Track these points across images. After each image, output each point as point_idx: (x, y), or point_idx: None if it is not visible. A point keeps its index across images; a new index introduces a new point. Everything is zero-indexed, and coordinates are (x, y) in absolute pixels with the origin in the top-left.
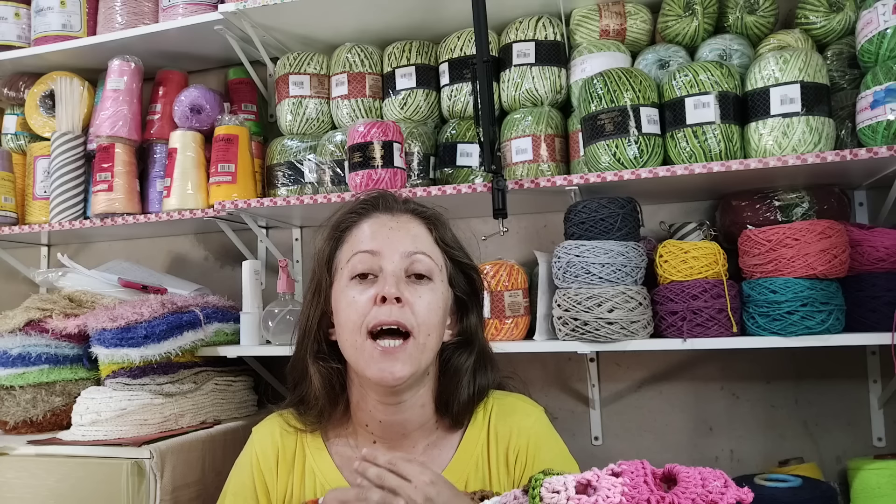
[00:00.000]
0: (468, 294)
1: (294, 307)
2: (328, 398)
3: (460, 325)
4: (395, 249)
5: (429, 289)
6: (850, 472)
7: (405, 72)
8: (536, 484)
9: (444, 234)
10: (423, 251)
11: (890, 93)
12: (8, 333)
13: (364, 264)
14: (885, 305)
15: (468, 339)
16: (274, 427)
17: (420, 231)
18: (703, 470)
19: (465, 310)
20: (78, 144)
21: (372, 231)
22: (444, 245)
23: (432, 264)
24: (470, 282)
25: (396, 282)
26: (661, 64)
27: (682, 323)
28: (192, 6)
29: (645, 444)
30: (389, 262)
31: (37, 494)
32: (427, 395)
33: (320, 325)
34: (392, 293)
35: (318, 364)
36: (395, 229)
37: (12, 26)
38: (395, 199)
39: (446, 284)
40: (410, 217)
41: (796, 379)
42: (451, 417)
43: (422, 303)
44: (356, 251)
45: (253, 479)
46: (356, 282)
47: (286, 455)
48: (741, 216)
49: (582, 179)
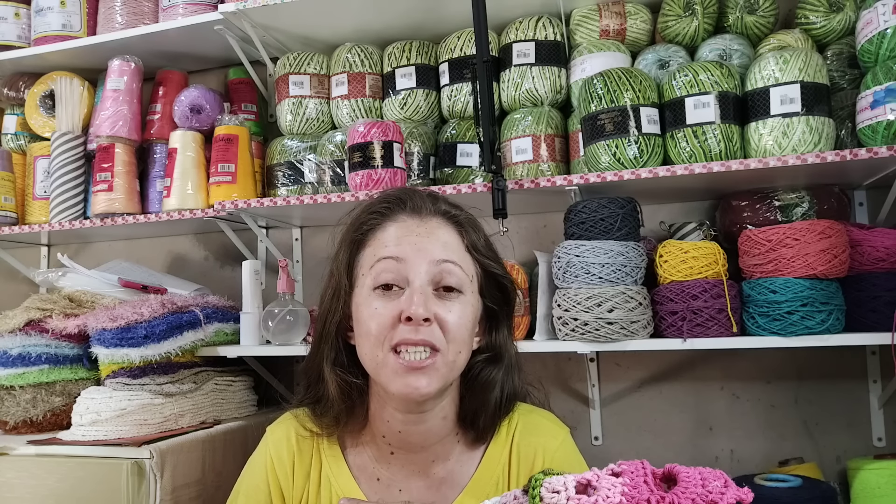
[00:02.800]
0: (499, 304)
1: (294, 307)
2: (346, 407)
3: (488, 337)
4: (423, 258)
5: (459, 303)
6: (850, 472)
7: (405, 72)
8: (536, 484)
9: (477, 240)
10: (453, 261)
11: (890, 93)
12: (8, 333)
13: (389, 273)
14: (885, 305)
15: (498, 354)
16: (290, 430)
17: (451, 238)
18: (703, 470)
19: (495, 320)
20: (78, 144)
21: (398, 236)
22: (475, 253)
23: (463, 276)
24: (503, 291)
25: (425, 299)
26: (661, 64)
27: (682, 323)
28: (192, 6)
29: (645, 444)
30: (416, 274)
31: (37, 494)
32: (450, 406)
33: (338, 330)
34: (420, 314)
35: (337, 373)
36: (423, 235)
37: (12, 26)
38: (423, 198)
39: (477, 296)
40: (441, 221)
41: (796, 379)
42: (476, 432)
43: (451, 318)
44: (380, 257)
45: (267, 482)
46: (380, 292)
47: (303, 460)
48: (741, 216)
49: (582, 179)
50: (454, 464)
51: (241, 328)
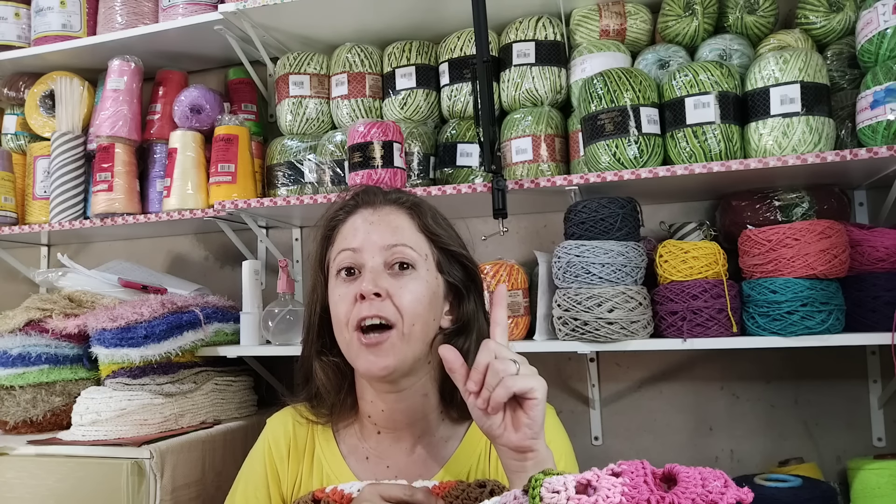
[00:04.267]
0: (462, 280)
1: (294, 307)
2: (335, 392)
3: (458, 312)
4: (374, 244)
5: (411, 278)
6: (850, 472)
7: (405, 72)
8: (536, 484)
9: (427, 221)
10: (402, 242)
11: (890, 93)
12: (8, 333)
13: (347, 261)
14: (885, 305)
15: (465, 324)
16: (287, 417)
17: (402, 221)
18: (703, 470)
19: (461, 297)
20: (78, 144)
21: (355, 227)
22: (428, 233)
23: (414, 254)
24: (463, 268)
25: (374, 277)
26: (661, 64)
27: (682, 323)
28: (192, 6)
29: (645, 444)
30: (370, 258)
31: (37, 494)
32: (429, 384)
33: (321, 321)
34: (369, 290)
35: (322, 361)
36: (376, 223)
37: (12, 26)
38: (377, 191)
39: (434, 272)
40: (392, 208)
41: (796, 379)
42: (458, 408)
43: (403, 293)
44: (341, 249)
45: (265, 466)
46: (342, 279)
47: (297, 444)
48: (741, 216)
49: (582, 179)
50: (438, 439)
51: (241, 328)
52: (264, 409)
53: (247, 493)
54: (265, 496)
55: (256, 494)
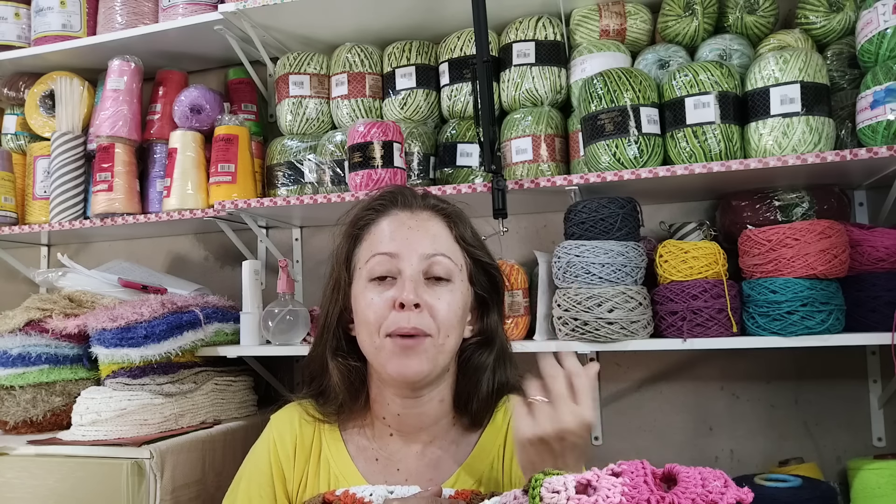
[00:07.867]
0: (489, 292)
1: (294, 307)
2: (348, 393)
3: (481, 323)
4: (414, 251)
5: (448, 290)
6: (850, 472)
7: (405, 72)
8: (536, 484)
9: (465, 231)
10: (442, 252)
11: (890, 93)
12: (8, 333)
13: (383, 266)
14: (885, 305)
15: (489, 338)
16: (293, 415)
17: (439, 230)
18: (703, 470)
19: (485, 307)
20: (78, 144)
21: (391, 230)
22: (464, 243)
23: (452, 265)
24: (491, 279)
25: (415, 286)
26: (661, 64)
27: (682, 323)
28: (192, 6)
29: (645, 444)
30: (408, 265)
31: (37, 494)
32: (446, 390)
33: (339, 321)
34: (410, 300)
35: (338, 360)
36: (414, 229)
37: (12, 26)
38: (415, 194)
39: (466, 283)
40: (430, 214)
41: (796, 379)
42: (470, 416)
43: (441, 305)
44: (374, 252)
45: (270, 464)
46: (375, 283)
47: (304, 443)
48: (741, 216)
49: (582, 179)
50: (450, 445)
51: (241, 328)
52: (264, 409)
53: (250, 492)
54: (270, 495)
55: (260, 493)
